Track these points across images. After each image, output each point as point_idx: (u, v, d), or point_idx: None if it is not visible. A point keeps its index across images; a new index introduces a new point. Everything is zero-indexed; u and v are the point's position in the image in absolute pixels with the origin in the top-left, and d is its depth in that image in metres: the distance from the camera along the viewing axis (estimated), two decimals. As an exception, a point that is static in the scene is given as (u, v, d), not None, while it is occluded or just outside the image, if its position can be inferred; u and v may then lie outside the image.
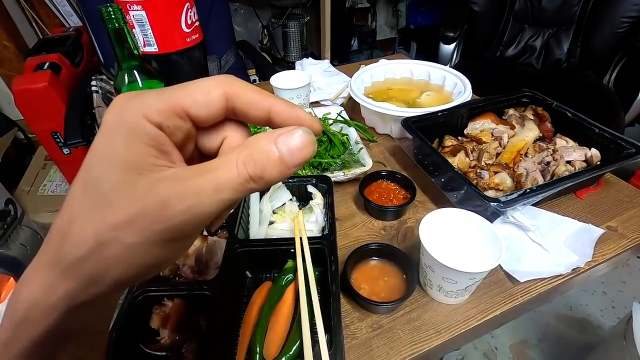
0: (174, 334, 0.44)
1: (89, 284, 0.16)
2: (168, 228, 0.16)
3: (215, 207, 0.16)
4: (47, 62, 1.06)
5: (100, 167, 0.16)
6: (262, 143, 0.17)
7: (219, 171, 0.17)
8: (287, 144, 0.17)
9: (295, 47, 2.30)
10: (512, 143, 0.69)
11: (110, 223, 0.15)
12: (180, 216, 0.16)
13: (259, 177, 0.17)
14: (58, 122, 1.02)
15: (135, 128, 0.17)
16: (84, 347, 0.19)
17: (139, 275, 0.17)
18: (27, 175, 1.48)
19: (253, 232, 0.57)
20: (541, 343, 1.24)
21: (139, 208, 0.15)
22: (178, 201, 0.16)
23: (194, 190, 0.16)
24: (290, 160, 0.17)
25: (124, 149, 0.16)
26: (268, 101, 0.19)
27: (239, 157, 0.17)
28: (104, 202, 0.15)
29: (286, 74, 0.90)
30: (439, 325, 0.47)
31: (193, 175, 0.16)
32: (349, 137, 0.75)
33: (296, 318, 0.45)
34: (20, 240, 1.22)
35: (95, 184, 0.16)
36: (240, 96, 0.19)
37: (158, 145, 0.17)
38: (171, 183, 0.16)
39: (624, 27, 1.38)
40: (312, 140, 0.18)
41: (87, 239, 0.15)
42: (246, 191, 0.17)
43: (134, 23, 0.68)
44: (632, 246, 0.57)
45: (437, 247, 0.44)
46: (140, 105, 0.17)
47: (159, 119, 0.17)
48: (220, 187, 0.16)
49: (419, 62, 0.94)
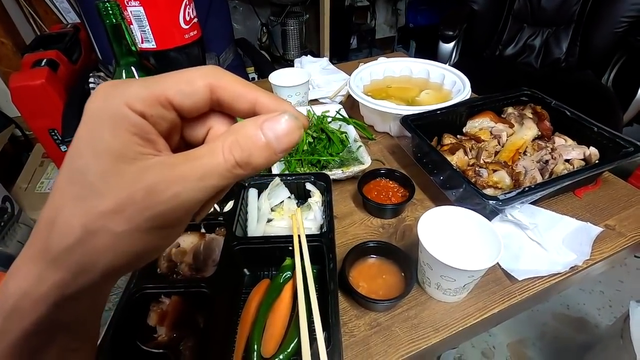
0: (172, 331, 0.44)
1: (78, 273, 0.16)
2: (156, 215, 0.16)
3: (202, 193, 0.16)
4: (44, 59, 1.05)
5: (85, 156, 0.16)
6: (248, 129, 0.17)
7: (205, 158, 0.17)
8: (274, 129, 0.17)
9: (294, 45, 2.30)
10: (511, 141, 0.69)
11: (98, 211, 0.15)
12: (168, 203, 0.16)
13: (245, 162, 0.17)
14: (55, 119, 1.01)
15: (119, 116, 0.16)
16: (75, 340, 0.19)
17: (129, 264, 0.17)
18: (24, 172, 1.48)
19: (251, 230, 0.56)
20: (539, 342, 1.24)
21: (126, 196, 0.15)
22: (165, 188, 0.16)
23: (181, 177, 0.16)
24: (277, 145, 0.17)
25: (110, 137, 0.16)
26: (254, 94, 0.19)
27: (225, 143, 0.17)
28: (91, 191, 0.15)
29: (285, 71, 0.90)
30: (437, 323, 0.47)
31: (179, 162, 0.16)
32: (347, 135, 0.75)
33: (294, 316, 0.45)
34: (17, 238, 1.22)
35: (81, 174, 0.16)
36: (225, 88, 0.18)
37: (143, 134, 0.17)
38: (158, 170, 0.16)
39: (622, 27, 1.38)
40: (299, 125, 0.18)
41: (75, 228, 0.15)
42: (233, 177, 0.17)
43: (132, 19, 0.68)
44: (629, 245, 0.57)
45: (436, 245, 0.44)
46: (123, 94, 0.17)
47: (142, 107, 0.17)
48: (206, 174, 0.16)
49: (418, 60, 0.94)
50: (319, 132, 0.73)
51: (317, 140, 0.72)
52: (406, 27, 2.87)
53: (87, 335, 0.20)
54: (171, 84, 0.18)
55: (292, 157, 0.70)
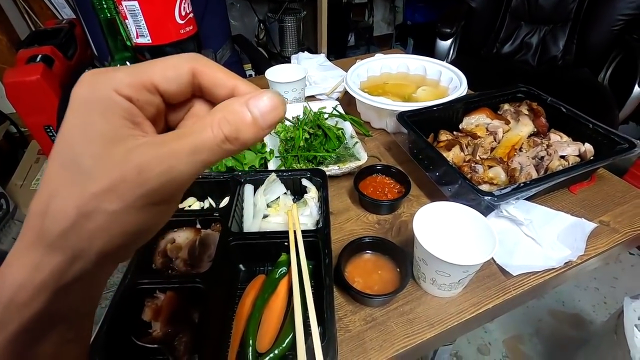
0: (166, 326, 0.43)
1: (74, 258, 0.16)
2: (148, 191, 0.16)
3: (193, 169, 0.17)
4: (39, 55, 1.04)
5: (76, 142, 0.16)
6: (234, 106, 0.18)
7: (195, 134, 0.17)
8: (258, 107, 0.18)
9: (291, 42, 2.29)
10: (507, 138, 0.69)
11: (91, 193, 0.15)
12: (159, 179, 0.16)
13: (234, 138, 0.17)
14: (51, 115, 1.01)
15: (108, 101, 0.17)
16: (71, 330, 0.19)
17: (124, 245, 0.17)
18: (19, 169, 1.47)
19: (247, 225, 0.56)
20: (534, 338, 1.25)
21: (117, 174, 0.15)
22: (156, 164, 0.16)
23: (171, 153, 0.16)
24: (262, 121, 0.18)
25: (99, 122, 0.16)
26: (233, 81, 0.20)
27: (214, 119, 0.17)
28: (83, 174, 0.15)
29: (282, 67, 0.89)
30: (432, 318, 0.47)
31: (169, 139, 0.17)
32: (344, 132, 0.75)
33: (289, 311, 0.45)
34: (12, 235, 1.21)
35: (73, 159, 0.16)
36: (206, 73, 0.19)
37: (131, 117, 0.17)
38: (148, 148, 0.16)
39: (619, 25, 1.38)
40: (282, 101, 0.18)
41: (69, 213, 0.15)
42: (222, 153, 0.17)
43: (127, 13, 0.67)
44: (623, 240, 0.57)
45: (431, 241, 0.44)
46: (110, 80, 0.17)
47: (129, 92, 0.17)
48: (197, 149, 0.17)
49: (415, 57, 0.94)
50: (316, 129, 0.73)
51: (314, 137, 0.72)
52: (404, 25, 2.87)
53: (82, 326, 0.20)
54: (157, 69, 0.18)
55: (288, 153, 0.70)
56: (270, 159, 0.68)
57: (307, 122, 0.74)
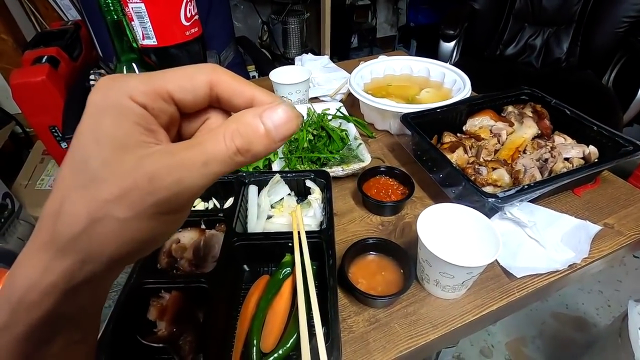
0: (171, 326, 0.44)
1: (84, 262, 0.16)
2: (159, 201, 0.16)
3: (204, 180, 0.17)
4: (45, 56, 1.05)
5: (89, 146, 0.16)
6: (247, 118, 0.18)
7: (207, 145, 0.17)
8: (272, 119, 0.18)
9: (295, 44, 2.29)
10: (511, 140, 0.69)
11: (102, 199, 0.15)
12: (171, 189, 0.16)
13: (246, 150, 0.17)
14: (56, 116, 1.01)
15: (122, 107, 0.17)
16: (79, 331, 0.19)
17: (134, 251, 0.17)
18: (24, 169, 1.48)
19: (251, 226, 0.57)
20: (537, 341, 1.24)
21: (129, 182, 0.15)
22: (167, 174, 0.16)
23: (182, 163, 0.16)
24: (276, 134, 0.18)
25: (112, 127, 0.16)
26: (251, 91, 0.19)
27: (227, 131, 0.17)
28: (95, 179, 0.16)
29: (285, 69, 0.90)
30: (436, 320, 0.47)
31: (181, 149, 0.17)
32: (347, 133, 0.75)
33: (293, 311, 0.45)
34: (17, 234, 1.22)
35: (85, 163, 0.16)
36: (224, 84, 0.19)
37: (145, 124, 0.17)
38: (160, 157, 0.16)
39: (623, 27, 1.38)
40: (296, 115, 0.18)
41: (81, 217, 0.15)
42: (234, 164, 0.17)
43: (133, 15, 0.68)
44: (628, 243, 0.57)
45: (435, 242, 0.44)
46: (126, 86, 0.17)
47: (144, 100, 0.17)
48: (208, 160, 0.17)
49: (418, 59, 0.94)
50: (320, 130, 0.73)
51: (318, 138, 0.72)
52: (407, 26, 2.87)
53: (90, 327, 0.20)
54: (172, 79, 0.18)
55: (292, 154, 0.70)
56: (274, 160, 0.68)
57: (311, 123, 0.75)
